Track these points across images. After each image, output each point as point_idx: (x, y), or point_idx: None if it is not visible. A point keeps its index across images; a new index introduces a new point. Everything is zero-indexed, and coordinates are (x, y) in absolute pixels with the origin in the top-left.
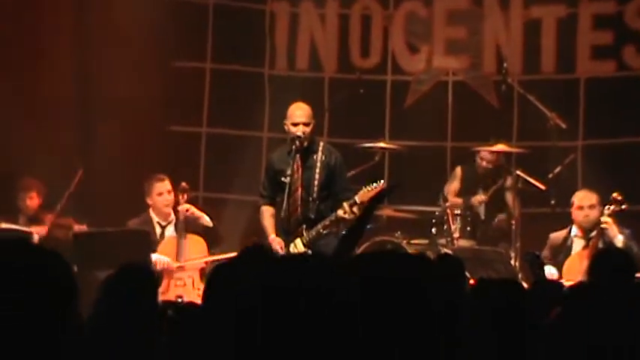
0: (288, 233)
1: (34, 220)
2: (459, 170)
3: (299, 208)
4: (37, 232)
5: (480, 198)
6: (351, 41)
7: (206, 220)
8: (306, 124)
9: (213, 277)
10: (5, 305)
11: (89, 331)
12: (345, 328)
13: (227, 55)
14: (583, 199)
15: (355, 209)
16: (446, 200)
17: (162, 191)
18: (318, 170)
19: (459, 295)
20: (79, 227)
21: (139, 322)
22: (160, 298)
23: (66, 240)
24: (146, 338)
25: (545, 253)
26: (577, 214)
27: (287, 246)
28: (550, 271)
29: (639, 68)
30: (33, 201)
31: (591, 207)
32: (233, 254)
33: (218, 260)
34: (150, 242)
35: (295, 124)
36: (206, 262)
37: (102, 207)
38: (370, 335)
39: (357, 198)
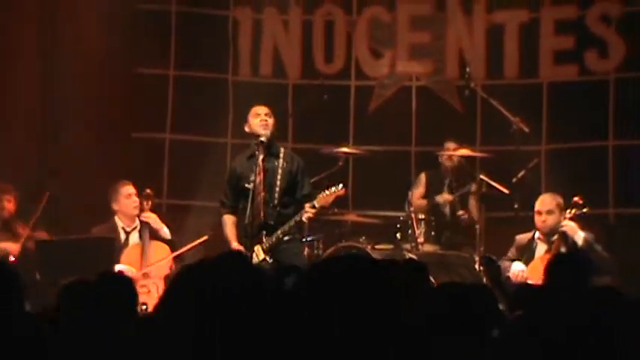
0: (250, 239)
1: (7, 226)
2: (423, 176)
3: (261, 213)
4: (11, 250)
5: (446, 197)
6: (314, 47)
7: (165, 232)
8: (267, 115)
9: (178, 275)
10: None
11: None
12: (310, 332)
13: (190, 62)
14: (541, 204)
15: (313, 213)
16: (411, 205)
17: (129, 193)
18: (279, 176)
19: (424, 299)
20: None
21: (116, 328)
22: None
23: None
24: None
25: (513, 251)
26: (536, 219)
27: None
28: (520, 268)
29: (601, 72)
30: (10, 204)
31: (549, 212)
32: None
33: (181, 255)
34: (114, 249)
35: (257, 115)
36: (170, 268)
37: (66, 214)
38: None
39: (315, 202)
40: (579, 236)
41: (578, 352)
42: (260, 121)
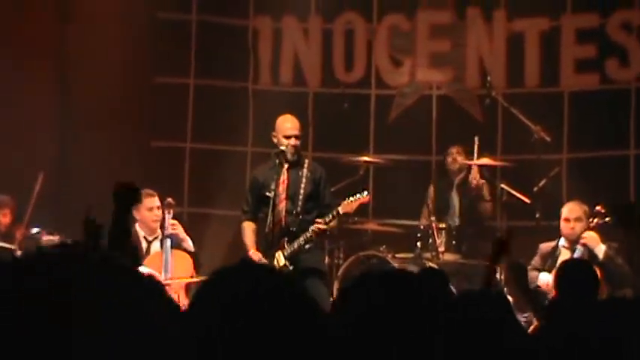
0: (271, 247)
1: (7, 236)
2: (430, 190)
3: (282, 220)
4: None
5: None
6: (334, 55)
7: (189, 244)
8: (297, 137)
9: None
10: None
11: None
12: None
13: (210, 71)
14: (570, 212)
15: (335, 220)
16: (430, 214)
17: (152, 206)
18: (303, 185)
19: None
20: (48, 238)
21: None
22: None
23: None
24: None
25: (537, 259)
26: (564, 227)
27: (268, 260)
28: (547, 278)
29: (622, 81)
30: (6, 218)
31: (577, 219)
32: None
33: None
34: (136, 256)
35: (288, 137)
36: (192, 277)
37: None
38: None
39: (340, 209)
40: (600, 249)
41: None
42: (289, 144)
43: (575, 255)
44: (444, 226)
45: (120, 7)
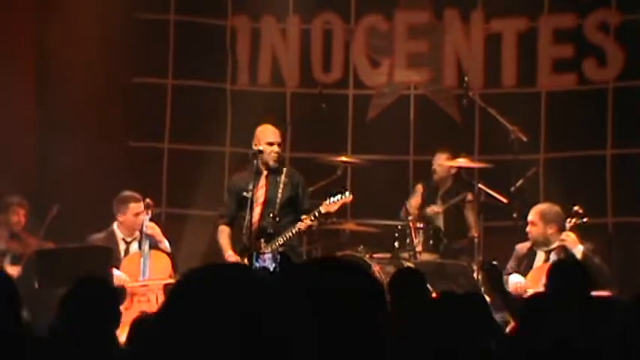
0: (248, 248)
1: (16, 236)
2: (420, 186)
3: (259, 223)
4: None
5: (434, 209)
6: (312, 56)
7: (165, 245)
8: (279, 145)
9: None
10: None
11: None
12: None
13: (189, 71)
14: (529, 215)
15: (316, 219)
16: (407, 213)
17: (138, 212)
18: (281, 190)
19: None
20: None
21: (98, 331)
22: (123, 314)
23: None
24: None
25: (511, 263)
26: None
27: (245, 261)
28: (517, 280)
29: (600, 81)
30: (21, 217)
31: (532, 223)
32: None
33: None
34: (111, 258)
35: (271, 144)
36: (170, 277)
37: (64, 222)
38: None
39: (321, 209)
40: (578, 250)
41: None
42: (271, 152)
43: (551, 257)
44: (421, 225)
45: (97, 7)
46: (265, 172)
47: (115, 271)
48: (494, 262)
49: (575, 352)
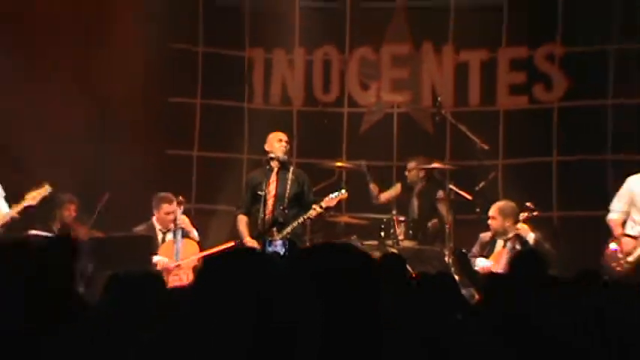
0: (262, 235)
1: (66, 227)
2: (398, 185)
3: (271, 214)
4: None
5: (386, 195)
6: (314, 80)
7: (194, 234)
8: (287, 142)
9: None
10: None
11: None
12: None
13: (214, 93)
14: (490, 210)
15: (322, 209)
16: (374, 199)
17: (169, 212)
18: (289, 186)
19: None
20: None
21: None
22: None
23: None
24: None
25: (476, 248)
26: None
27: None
28: (484, 264)
29: (547, 102)
30: (71, 213)
31: (492, 218)
32: (225, 246)
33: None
34: (152, 245)
35: (280, 140)
36: (198, 261)
37: (112, 215)
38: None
39: (322, 203)
40: (530, 237)
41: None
42: (281, 146)
43: (508, 244)
44: (403, 219)
45: (140, 37)
46: (276, 170)
47: (155, 256)
48: (464, 250)
49: (531, 327)
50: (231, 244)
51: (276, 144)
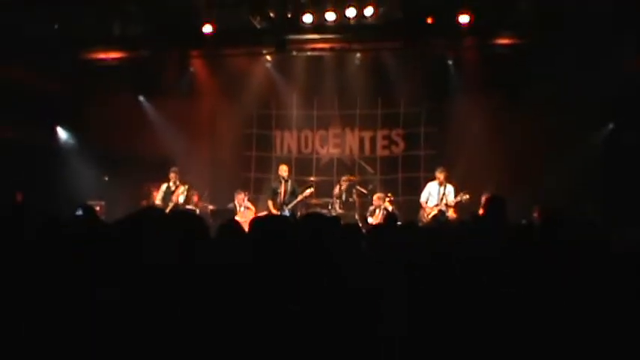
0: (280, 208)
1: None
2: (337, 189)
3: (283, 199)
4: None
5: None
6: (300, 143)
7: (252, 209)
8: (287, 172)
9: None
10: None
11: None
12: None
13: (261, 148)
14: (374, 197)
15: (309, 194)
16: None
17: (239, 199)
18: (290, 188)
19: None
20: (200, 203)
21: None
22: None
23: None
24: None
25: (369, 214)
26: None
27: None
28: (371, 220)
29: (396, 154)
30: (196, 198)
31: (375, 200)
32: (306, 193)
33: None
34: (234, 213)
35: (285, 171)
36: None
37: (215, 198)
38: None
39: (306, 192)
40: (389, 208)
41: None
42: (285, 171)
43: (381, 212)
44: (338, 201)
45: (232, 108)
46: (283, 181)
47: (237, 217)
48: (366, 215)
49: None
50: (265, 213)
51: (284, 173)
